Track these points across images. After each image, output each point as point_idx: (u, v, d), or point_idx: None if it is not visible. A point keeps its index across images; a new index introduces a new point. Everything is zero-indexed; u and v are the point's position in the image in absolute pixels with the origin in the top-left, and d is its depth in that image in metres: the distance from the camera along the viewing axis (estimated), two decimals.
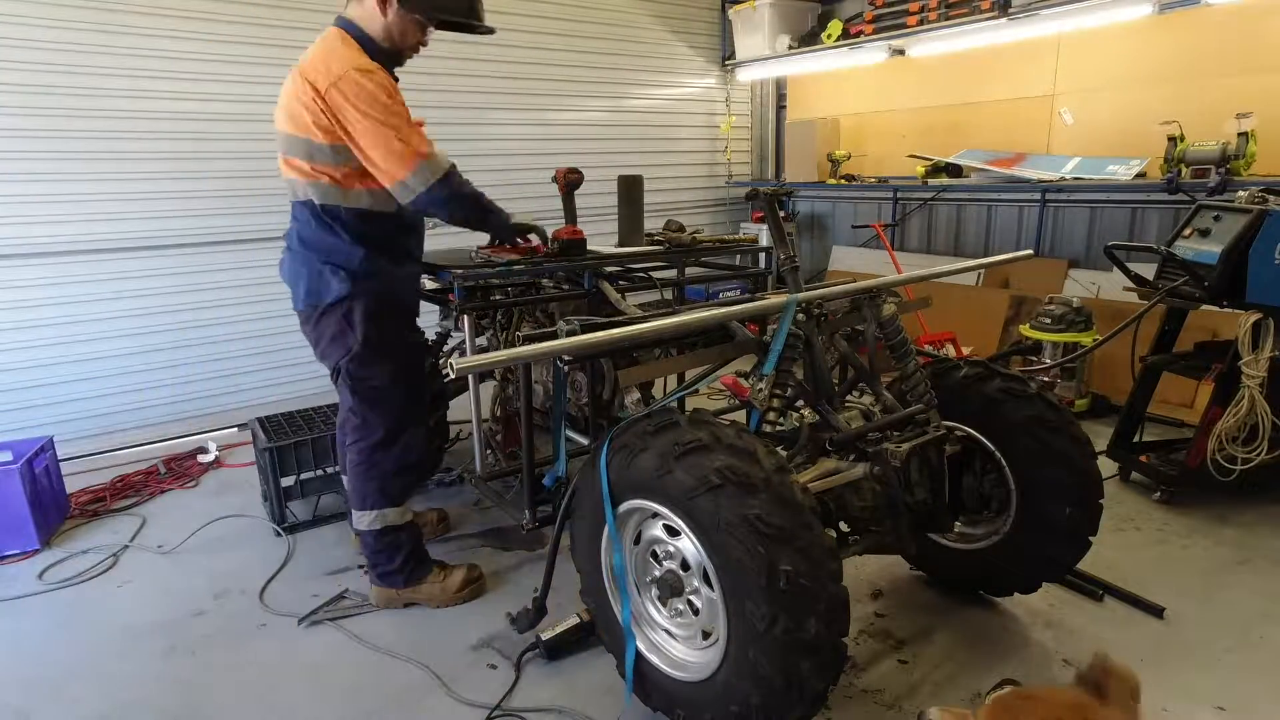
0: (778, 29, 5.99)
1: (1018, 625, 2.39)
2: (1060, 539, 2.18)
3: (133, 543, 3.10)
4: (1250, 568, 2.68)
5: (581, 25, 5.62)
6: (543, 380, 3.20)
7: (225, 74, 4.21)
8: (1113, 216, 4.71)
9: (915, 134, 5.80)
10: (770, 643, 1.52)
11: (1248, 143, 3.88)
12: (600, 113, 5.84)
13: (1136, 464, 3.26)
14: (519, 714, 2.06)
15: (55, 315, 3.96)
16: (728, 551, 1.56)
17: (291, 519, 3.18)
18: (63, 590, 2.77)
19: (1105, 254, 3.25)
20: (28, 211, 3.81)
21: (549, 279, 3.14)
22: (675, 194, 6.47)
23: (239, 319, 4.51)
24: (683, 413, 1.86)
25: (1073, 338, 3.96)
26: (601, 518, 1.88)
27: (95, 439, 4.10)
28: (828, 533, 1.65)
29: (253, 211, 4.42)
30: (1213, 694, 2.06)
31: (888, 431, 2.09)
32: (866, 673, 2.18)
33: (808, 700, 1.58)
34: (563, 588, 2.36)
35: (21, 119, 3.73)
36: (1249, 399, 2.83)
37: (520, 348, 1.83)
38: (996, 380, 2.23)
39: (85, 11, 3.80)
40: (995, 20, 4.68)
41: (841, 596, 1.58)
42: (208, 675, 2.28)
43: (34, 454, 3.09)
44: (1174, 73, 4.40)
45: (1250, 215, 2.80)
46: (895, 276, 2.43)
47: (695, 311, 2.14)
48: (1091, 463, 2.15)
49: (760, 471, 1.59)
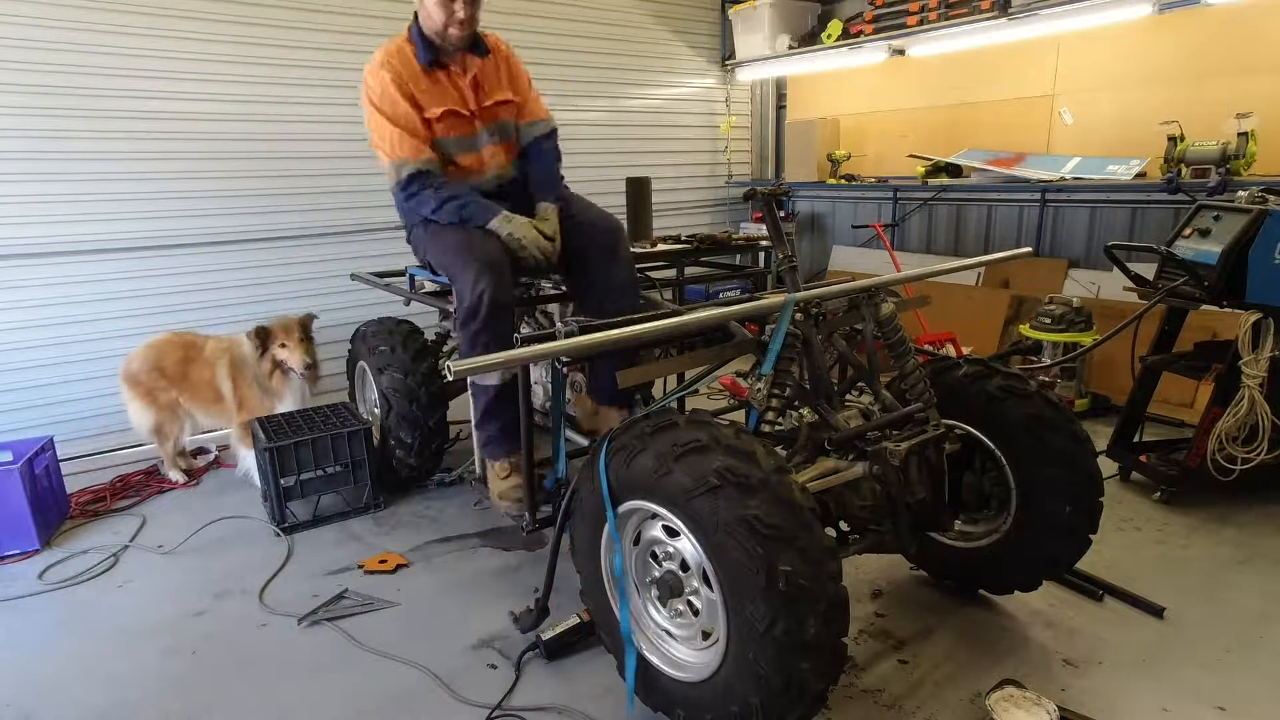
0: (778, 29, 5.98)
1: (1018, 625, 2.39)
2: (1061, 537, 2.18)
3: (133, 543, 3.10)
4: (1250, 568, 2.68)
5: (581, 25, 5.61)
6: (542, 380, 3.21)
7: (225, 74, 4.21)
8: (1113, 216, 4.71)
9: (915, 134, 5.79)
10: (770, 643, 1.52)
11: (1248, 143, 3.88)
12: (600, 113, 5.84)
13: (1136, 464, 3.26)
14: (519, 714, 2.06)
15: (55, 315, 3.95)
16: (727, 552, 1.56)
17: (291, 519, 3.18)
18: (63, 590, 2.77)
19: (1105, 254, 3.24)
20: (28, 211, 3.81)
21: (549, 279, 3.15)
22: (675, 194, 6.46)
23: (239, 319, 4.50)
24: (682, 413, 1.86)
25: (1073, 338, 3.96)
26: (601, 519, 1.88)
27: (95, 439, 4.09)
28: (827, 532, 1.65)
29: (253, 211, 4.42)
30: (1213, 694, 2.06)
31: (887, 430, 2.09)
32: (866, 673, 2.18)
33: (807, 701, 1.58)
34: (563, 588, 2.36)
35: (21, 119, 3.73)
36: (1249, 399, 2.83)
37: (519, 349, 1.83)
38: (996, 378, 2.23)
39: (85, 11, 3.80)
40: (995, 20, 4.68)
41: (841, 596, 1.58)
42: (208, 675, 2.28)
43: (34, 454, 3.09)
44: (1174, 73, 4.40)
45: (1250, 215, 2.80)
46: (893, 275, 2.43)
47: (694, 311, 2.14)
48: (1092, 460, 2.15)
49: (759, 472, 1.59)
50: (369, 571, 2.81)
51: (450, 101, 2.67)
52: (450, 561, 2.88)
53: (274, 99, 4.39)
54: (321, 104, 4.53)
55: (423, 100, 2.63)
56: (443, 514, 3.27)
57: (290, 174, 4.51)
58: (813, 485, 1.92)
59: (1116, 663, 2.20)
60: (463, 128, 2.72)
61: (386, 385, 3.25)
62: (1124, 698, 2.05)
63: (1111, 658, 2.22)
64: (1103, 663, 2.20)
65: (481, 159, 2.79)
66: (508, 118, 2.84)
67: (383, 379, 3.26)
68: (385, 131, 2.58)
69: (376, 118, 2.59)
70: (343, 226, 4.74)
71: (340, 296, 4.72)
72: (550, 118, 2.96)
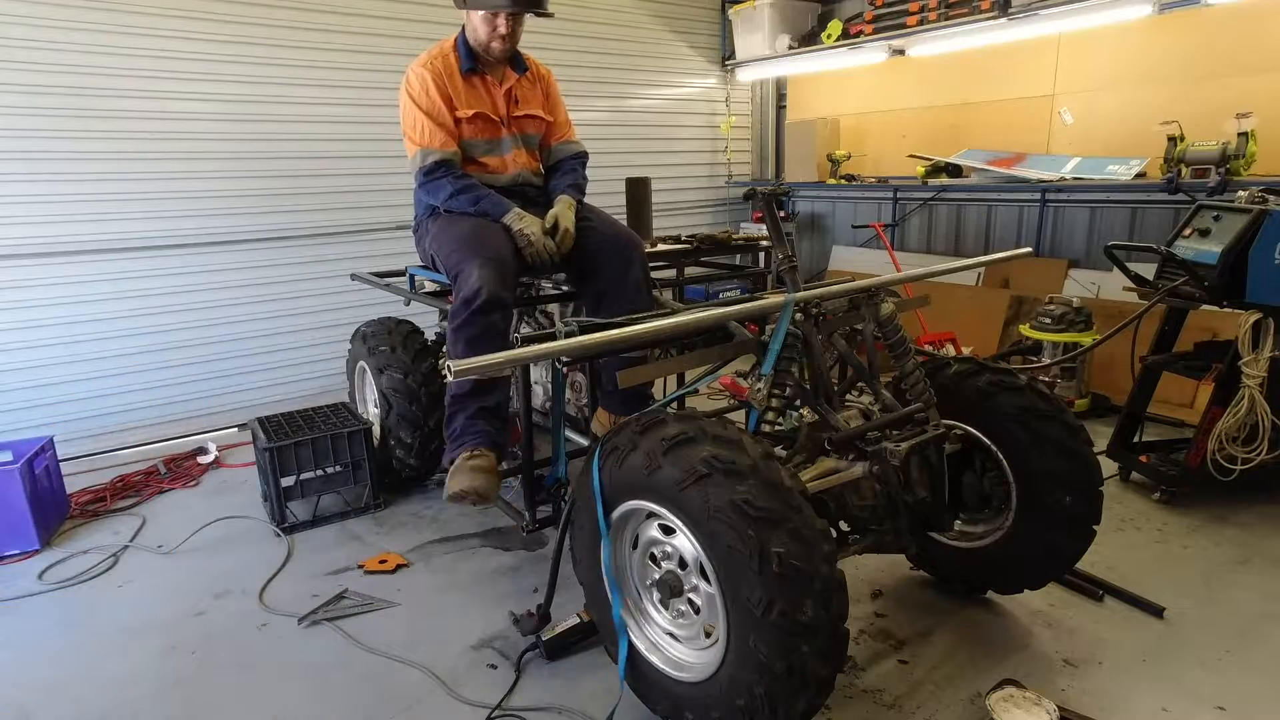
0: (778, 29, 5.99)
1: (1018, 625, 2.39)
2: (1063, 529, 2.17)
3: (133, 543, 3.10)
4: (1250, 568, 2.68)
5: (581, 25, 5.62)
6: (542, 380, 3.21)
7: (226, 74, 4.21)
8: (1113, 216, 4.71)
9: (915, 134, 5.79)
10: (769, 628, 1.53)
11: (1247, 143, 3.88)
12: (601, 113, 5.84)
13: (1136, 464, 3.26)
14: (519, 714, 2.06)
15: (55, 315, 3.96)
16: (720, 539, 1.56)
17: (291, 519, 3.18)
18: (63, 590, 2.77)
19: (1105, 254, 3.24)
20: (28, 211, 3.81)
21: (549, 279, 3.15)
22: (675, 194, 6.47)
23: (239, 319, 4.51)
24: None
25: (1073, 338, 3.96)
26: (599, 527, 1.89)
27: (95, 439, 4.10)
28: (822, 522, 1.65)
29: (253, 211, 4.42)
30: (1213, 694, 2.06)
31: (887, 430, 2.09)
32: (866, 673, 2.18)
33: (812, 687, 1.57)
34: (564, 588, 2.36)
35: (23, 119, 3.73)
36: (1249, 399, 2.83)
37: (519, 349, 1.83)
38: (985, 374, 2.24)
39: (87, 11, 3.81)
40: (995, 20, 4.68)
41: (837, 578, 1.58)
42: (208, 675, 2.28)
43: (34, 454, 3.09)
44: (1174, 73, 4.40)
45: (1250, 215, 2.80)
46: (893, 275, 2.43)
47: (694, 311, 2.14)
48: (1087, 448, 2.15)
49: (746, 458, 1.60)
50: (369, 571, 2.81)
51: (483, 105, 2.80)
52: (450, 561, 2.88)
53: (274, 99, 4.39)
54: (322, 104, 4.53)
55: (457, 100, 2.76)
56: (442, 514, 3.27)
57: (290, 174, 4.51)
58: (813, 485, 1.93)
59: (1116, 663, 2.19)
60: (490, 131, 2.84)
61: (386, 385, 3.25)
62: (1124, 698, 2.05)
63: (1111, 658, 2.22)
64: (1103, 663, 2.20)
65: (505, 161, 2.88)
66: (534, 132, 2.97)
67: (383, 379, 3.27)
68: (416, 120, 2.71)
69: (411, 108, 2.72)
70: (343, 226, 4.75)
71: (340, 296, 4.73)
72: (582, 145, 3.08)
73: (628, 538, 1.93)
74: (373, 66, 4.62)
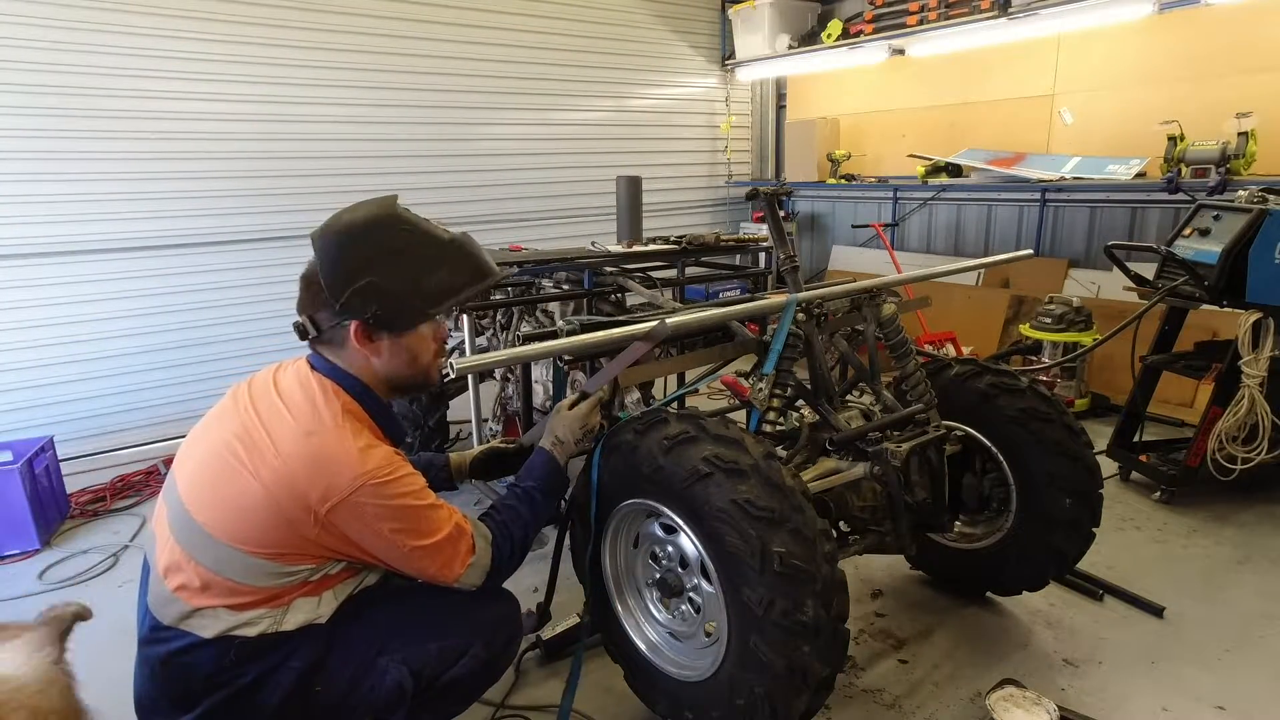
0: (778, 28, 5.99)
1: (1018, 625, 2.39)
2: (1063, 530, 2.18)
3: (133, 543, 3.09)
4: (1250, 568, 2.68)
5: (581, 25, 5.61)
6: (543, 380, 3.21)
7: (226, 74, 4.21)
8: (1113, 216, 4.71)
9: (915, 134, 5.80)
10: (770, 627, 1.53)
11: (1248, 142, 3.88)
12: (600, 113, 5.83)
13: (1136, 464, 3.26)
14: (520, 712, 2.07)
15: (55, 315, 3.95)
16: (721, 538, 1.56)
17: None
18: (63, 590, 2.76)
19: (1105, 253, 3.25)
20: (28, 211, 3.81)
21: (549, 279, 3.15)
22: (675, 194, 6.47)
23: (239, 319, 4.51)
24: None
25: (1073, 337, 3.96)
26: (601, 529, 1.89)
27: (95, 439, 4.09)
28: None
29: (253, 211, 4.42)
30: (1213, 694, 2.06)
31: (888, 431, 2.09)
32: (866, 673, 2.18)
33: (812, 686, 1.57)
34: (564, 588, 2.35)
35: (21, 119, 3.73)
36: (1249, 399, 2.83)
37: (520, 347, 1.83)
38: (986, 377, 2.24)
39: (86, 11, 3.80)
40: (995, 20, 4.68)
41: (838, 577, 1.58)
42: None
43: (34, 454, 3.09)
44: (1174, 73, 4.40)
45: (1250, 215, 2.80)
46: (895, 276, 2.43)
47: (695, 311, 2.14)
48: (1087, 451, 2.16)
49: (748, 458, 1.60)
50: None
51: None
52: None
53: (274, 99, 4.39)
54: (322, 104, 4.53)
55: None
56: None
57: (290, 174, 4.51)
58: (814, 485, 1.93)
59: (1116, 663, 2.20)
60: None
61: None
62: (1124, 698, 2.05)
63: (1111, 658, 2.22)
64: (1103, 663, 2.20)
65: None
66: None
67: None
68: (434, 521, 1.74)
69: (414, 511, 1.72)
70: None
71: None
72: None
73: (628, 537, 1.93)
74: (373, 66, 4.61)
